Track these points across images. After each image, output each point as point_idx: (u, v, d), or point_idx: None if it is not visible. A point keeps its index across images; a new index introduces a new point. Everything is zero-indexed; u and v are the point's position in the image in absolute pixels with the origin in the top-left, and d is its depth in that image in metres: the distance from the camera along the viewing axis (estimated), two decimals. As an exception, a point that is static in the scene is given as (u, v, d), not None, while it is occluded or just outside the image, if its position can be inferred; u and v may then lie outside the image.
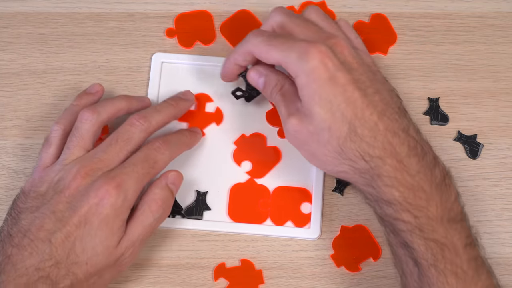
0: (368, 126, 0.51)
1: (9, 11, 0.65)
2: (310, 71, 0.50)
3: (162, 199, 0.54)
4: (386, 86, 0.54)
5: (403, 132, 0.51)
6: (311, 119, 0.51)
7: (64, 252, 0.50)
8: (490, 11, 0.66)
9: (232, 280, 0.58)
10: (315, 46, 0.51)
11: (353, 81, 0.51)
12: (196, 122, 0.62)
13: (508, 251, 0.59)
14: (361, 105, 0.51)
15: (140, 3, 0.66)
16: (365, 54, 0.56)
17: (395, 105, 0.53)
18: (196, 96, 0.62)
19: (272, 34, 0.54)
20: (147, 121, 0.55)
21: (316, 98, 0.51)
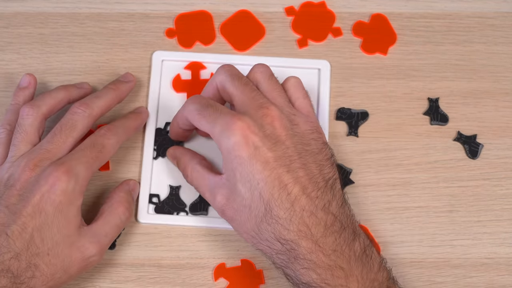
0: (284, 207, 0.50)
1: (9, 11, 0.65)
2: (231, 147, 0.51)
3: (128, 202, 0.56)
4: (317, 157, 0.52)
5: (322, 210, 0.50)
6: (235, 196, 0.51)
7: (23, 244, 0.50)
8: (490, 11, 0.66)
9: (232, 280, 0.58)
10: (238, 119, 0.51)
11: (275, 159, 0.50)
12: (194, 91, 0.62)
13: (508, 251, 0.59)
14: (278, 185, 0.50)
15: (140, 3, 0.66)
16: (305, 120, 0.54)
17: (322, 178, 0.51)
18: (189, 65, 0.63)
19: (205, 104, 0.53)
20: (89, 107, 0.56)
21: (238, 175, 0.51)
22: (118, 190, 0.57)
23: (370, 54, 0.65)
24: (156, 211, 0.60)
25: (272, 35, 0.65)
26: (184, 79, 0.63)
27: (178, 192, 0.60)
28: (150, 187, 0.60)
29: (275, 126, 0.52)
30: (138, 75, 0.64)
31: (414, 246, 0.59)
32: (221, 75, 0.55)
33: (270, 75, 0.56)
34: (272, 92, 0.54)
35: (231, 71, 0.55)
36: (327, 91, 0.63)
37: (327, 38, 0.65)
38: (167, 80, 0.63)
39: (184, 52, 0.64)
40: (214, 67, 0.63)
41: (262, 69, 0.56)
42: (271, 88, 0.55)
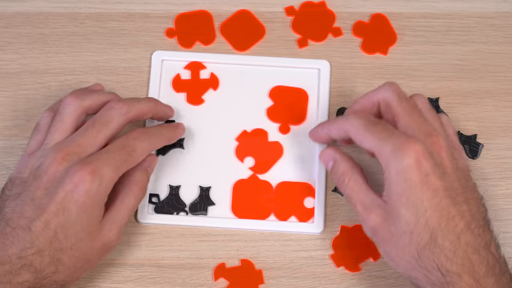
0: (450, 238, 0.49)
1: (9, 11, 0.65)
2: (402, 169, 0.49)
3: (143, 182, 0.55)
4: (475, 194, 0.52)
5: (484, 249, 0.49)
6: (395, 220, 0.50)
7: (46, 240, 0.50)
8: (490, 11, 0.66)
9: (232, 280, 0.58)
10: (413, 143, 0.49)
11: (444, 188, 0.49)
12: (193, 90, 0.63)
13: (508, 251, 0.59)
14: (447, 215, 0.49)
15: (140, 3, 0.66)
16: (460, 155, 0.54)
17: (481, 216, 0.51)
18: (189, 65, 0.63)
19: (373, 121, 0.52)
20: (126, 105, 0.55)
21: (404, 199, 0.49)
22: (133, 169, 0.55)
23: (370, 54, 0.65)
24: (156, 211, 0.60)
25: (272, 35, 0.65)
26: (184, 79, 0.63)
27: (178, 192, 0.60)
28: (149, 186, 0.60)
29: (443, 157, 0.51)
30: (138, 75, 0.63)
31: (414, 246, 0.59)
32: (387, 92, 0.54)
33: (430, 106, 0.55)
34: (434, 123, 0.54)
35: (399, 91, 0.54)
36: (327, 91, 0.63)
37: (327, 38, 0.65)
38: (167, 80, 0.63)
39: (184, 52, 0.64)
40: (213, 66, 0.63)
41: (423, 99, 0.55)
42: (434, 119, 0.54)
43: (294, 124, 0.62)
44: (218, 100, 0.63)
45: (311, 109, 0.63)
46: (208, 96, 0.63)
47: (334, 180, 0.56)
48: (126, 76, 0.64)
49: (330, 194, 0.60)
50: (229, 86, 0.63)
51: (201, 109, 0.63)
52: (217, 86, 0.63)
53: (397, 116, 0.53)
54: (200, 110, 0.62)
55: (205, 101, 0.63)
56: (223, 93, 0.63)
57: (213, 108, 0.63)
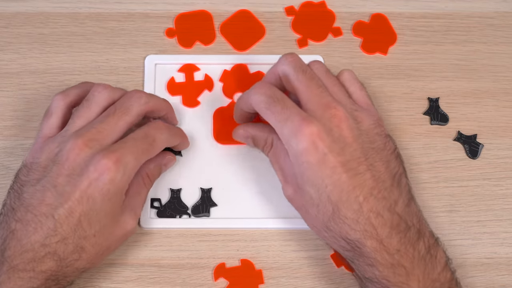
0: (351, 208, 0.51)
1: (9, 11, 0.65)
2: (299, 152, 0.51)
3: (154, 176, 0.57)
4: (383, 153, 0.53)
5: (388, 210, 0.51)
6: (303, 193, 0.53)
7: (70, 228, 0.50)
8: (490, 11, 0.66)
9: (232, 280, 0.58)
10: (307, 124, 0.50)
11: (343, 163, 0.51)
12: (188, 93, 0.63)
13: (508, 251, 0.59)
14: (347, 188, 0.51)
15: (140, 3, 0.66)
16: (367, 113, 0.54)
17: (388, 175, 0.52)
18: (182, 67, 0.63)
19: (273, 97, 0.53)
20: (146, 96, 0.55)
21: (305, 178, 0.52)
22: (150, 161, 0.56)
23: (370, 54, 0.65)
24: (158, 215, 0.59)
25: (272, 35, 0.65)
26: (178, 81, 0.63)
27: (179, 195, 0.60)
28: (150, 191, 0.60)
29: (342, 128, 0.52)
30: (138, 75, 0.64)
31: (414, 246, 0.59)
32: (284, 65, 0.54)
33: (327, 70, 0.56)
34: (333, 87, 0.55)
35: (295, 63, 0.54)
36: None
37: (327, 38, 0.65)
38: (161, 84, 0.63)
39: (177, 55, 0.64)
40: (207, 68, 0.64)
41: (318, 65, 0.56)
42: (331, 84, 0.55)
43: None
44: (214, 100, 0.63)
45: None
46: (204, 98, 0.63)
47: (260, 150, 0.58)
48: (126, 76, 0.64)
49: (330, 194, 0.60)
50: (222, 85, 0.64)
51: (197, 110, 0.63)
52: (212, 87, 0.63)
53: (296, 89, 0.54)
54: (197, 112, 0.63)
55: (201, 103, 0.63)
56: (219, 94, 0.63)
57: (209, 109, 0.63)
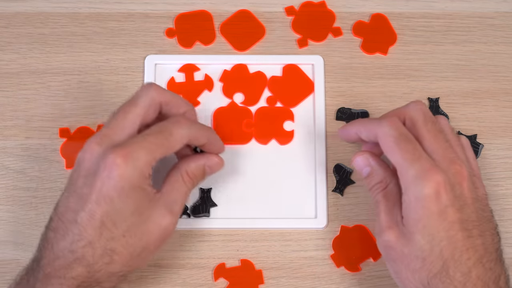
0: (461, 270, 0.49)
1: (9, 11, 0.65)
2: (421, 197, 0.49)
3: (194, 174, 0.54)
4: (490, 225, 0.52)
5: (494, 283, 0.50)
6: (409, 243, 0.50)
7: (94, 231, 0.49)
8: (490, 11, 0.66)
9: (232, 280, 0.58)
10: (435, 172, 0.49)
11: (461, 221, 0.50)
12: (188, 93, 0.62)
13: (508, 251, 0.59)
14: (461, 248, 0.49)
15: (140, 3, 0.66)
16: (480, 182, 0.54)
17: (494, 249, 0.51)
18: (183, 67, 0.63)
19: (405, 136, 0.52)
20: (160, 88, 0.54)
21: (420, 226, 0.50)
22: (191, 159, 0.54)
23: (370, 54, 0.65)
24: None
25: (272, 35, 0.65)
26: (178, 81, 0.63)
27: (179, 195, 0.60)
28: None
29: (464, 187, 0.51)
30: (137, 75, 0.63)
31: (414, 246, 0.59)
32: (415, 111, 0.53)
33: (452, 129, 0.55)
34: (456, 147, 0.54)
35: (426, 111, 0.53)
36: (322, 85, 0.63)
37: (327, 38, 0.65)
38: (161, 83, 0.62)
39: (177, 55, 0.64)
40: (207, 68, 0.64)
41: (446, 121, 0.55)
42: (455, 142, 0.54)
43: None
44: (214, 101, 0.63)
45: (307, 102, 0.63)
46: (204, 98, 0.63)
47: (366, 186, 0.55)
48: (126, 76, 0.64)
49: (330, 194, 0.60)
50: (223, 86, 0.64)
51: (197, 110, 0.62)
52: (212, 87, 0.63)
53: (422, 137, 0.52)
54: (197, 112, 0.62)
55: (201, 103, 0.63)
56: (218, 94, 0.63)
57: (209, 109, 0.63)
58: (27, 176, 0.60)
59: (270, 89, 0.63)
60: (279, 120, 0.62)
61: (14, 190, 0.60)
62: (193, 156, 0.55)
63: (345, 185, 0.61)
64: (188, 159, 0.54)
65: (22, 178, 0.60)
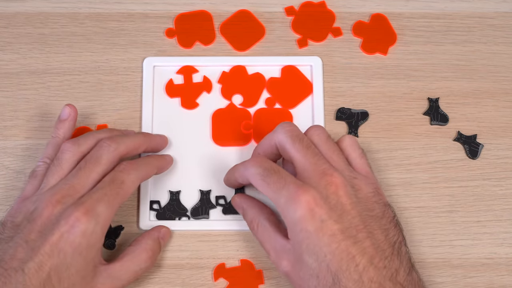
0: (353, 278, 0.49)
1: (9, 11, 0.65)
2: (297, 220, 0.50)
3: (153, 250, 0.56)
4: (382, 222, 0.52)
5: (390, 280, 0.50)
6: (301, 265, 0.51)
7: (39, 283, 0.49)
8: (490, 11, 0.66)
9: (232, 280, 0.58)
10: (302, 192, 0.50)
11: (341, 230, 0.50)
12: (187, 94, 0.63)
13: (508, 251, 0.59)
14: (346, 257, 0.49)
15: (140, 3, 0.66)
16: (366, 181, 0.54)
17: (388, 244, 0.51)
18: (181, 69, 0.63)
19: (269, 169, 0.53)
20: (115, 142, 0.55)
21: (304, 247, 0.50)
22: (147, 236, 0.56)
23: (370, 54, 0.65)
24: (157, 218, 0.59)
25: (272, 35, 0.65)
26: (177, 83, 0.63)
27: (179, 197, 0.60)
28: (149, 194, 0.60)
29: (340, 195, 0.51)
30: (137, 75, 0.63)
31: (414, 246, 0.59)
32: (281, 135, 0.54)
33: (327, 137, 0.56)
34: (332, 155, 0.54)
35: (292, 132, 0.54)
36: (320, 86, 0.63)
37: (327, 38, 0.65)
38: (160, 86, 0.63)
39: (175, 57, 0.64)
40: (206, 70, 0.64)
41: (319, 131, 0.56)
42: (330, 151, 0.55)
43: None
44: (213, 102, 0.63)
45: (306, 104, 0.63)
46: (202, 99, 0.63)
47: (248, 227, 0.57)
48: (126, 76, 0.64)
49: (330, 194, 0.60)
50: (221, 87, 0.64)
51: (196, 112, 0.63)
52: (211, 89, 0.63)
53: (293, 158, 0.54)
54: (195, 114, 0.63)
55: (199, 105, 0.63)
56: (217, 95, 0.63)
57: (208, 111, 0.63)
58: (27, 176, 0.60)
59: (268, 91, 0.63)
60: (278, 121, 0.62)
61: (13, 190, 0.60)
62: (147, 233, 0.57)
63: (345, 185, 0.61)
64: (144, 236, 0.56)
65: (22, 178, 0.60)
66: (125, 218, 0.59)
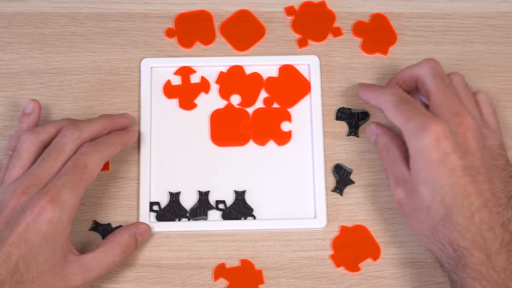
0: (464, 215, 0.50)
1: (9, 11, 0.65)
2: (422, 148, 0.51)
3: (127, 245, 0.56)
4: (502, 173, 0.53)
5: (501, 226, 0.50)
6: (415, 195, 0.52)
7: (7, 272, 0.49)
8: (490, 11, 0.66)
9: (232, 280, 0.58)
10: (434, 123, 0.51)
11: (463, 167, 0.50)
12: (185, 95, 0.62)
13: (508, 251, 0.59)
14: (463, 193, 0.50)
15: (140, 3, 0.66)
16: (494, 134, 0.55)
17: (505, 194, 0.52)
18: (179, 70, 0.63)
19: (404, 98, 0.54)
20: (78, 129, 0.55)
21: (422, 176, 0.51)
22: (124, 230, 0.56)
23: (370, 54, 0.65)
24: (157, 219, 0.59)
25: (272, 35, 0.65)
26: (175, 84, 0.63)
27: (178, 199, 0.60)
28: (149, 195, 0.60)
29: (467, 137, 0.52)
30: (137, 75, 0.63)
31: (414, 246, 0.59)
32: (424, 70, 0.56)
33: (465, 85, 0.57)
34: (467, 101, 0.55)
35: (435, 68, 0.55)
36: (318, 85, 0.63)
37: (327, 38, 0.65)
38: (157, 87, 0.63)
39: (173, 57, 0.64)
40: (203, 70, 0.63)
41: (459, 78, 0.57)
42: (467, 97, 0.56)
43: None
44: (211, 103, 0.63)
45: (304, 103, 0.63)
46: (200, 100, 0.63)
47: (378, 153, 0.59)
48: (126, 76, 0.64)
49: (329, 194, 0.60)
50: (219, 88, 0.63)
51: (194, 113, 0.63)
52: (209, 89, 0.63)
53: (430, 93, 0.54)
54: (194, 114, 0.62)
55: (198, 105, 0.63)
56: (215, 96, 0.63)
57: (206, 111, 0.63)
58: (27, 176, 0.60)
59: (266, 90, 0.63)
60: (277, 121, 0.62)
61: (14, 190, 0.60)
62: (124, 227, 0.57)
63: (345, 185, 0.61)
64: (120, 230, 0.56)
65: (22, 178, 0.60)
66: (125, 219, 0.59)
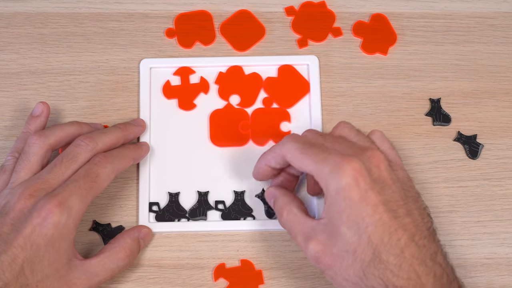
0: (394, 252, 0.48)
1: (9, 11, 0.65)
2: (341, 189, 0.49)
3: (131, 250, 0.56)
4: (418, 205, 0.51)
5: (431, 260, 0.49)
6: (336, 240, 0.49)
7: (12, 275, 0.49)
8: (490, 11, 0.66)
9: (232, 280, 0.58)
10: (349, 161, 0.49)
11: (384, 202, 0.49)
12: (184, 95, 0.63)
13: (508, 251, 0.59)
14: (389, 229, 0.48)
15: (140, 3, 0.66)
16: (400, 168, 0.53)
17: (425, 227, 0.50)
18: (178, 70, 0.63)
19: (308, 143, 0.53)
20: (93, 141, 0.55)
21: (344, 218, 0.49)
22: (127, 235, 0.56)
23: (370, 54, 0.65)
24: (157, 219, 0.59)
25: (272, 35, 0.65)
26: (174, 85, 0.63)
27: (178, 199, 0.60)
28: (149, 195, 0.60)
29: (381, 169, 0.51)
30: (137, 75, 0.63)
31: (414, 246, 0.59)
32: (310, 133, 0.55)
33: (357, 130, 0.55)
34: (365, 142, 0.54)
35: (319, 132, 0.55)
36: (317, 85, 0.63)
37: (327, 38, 0.65)
38: (157, 87, 0.63)
39: (172, 58, 0.64)
40: (202, 70, 0.64)
41: (348, 125, 0.55)
42: (363, 139, 0.54)
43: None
44: (210, 103, 0.63)
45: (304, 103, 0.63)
46: (200, 100, 0.63)
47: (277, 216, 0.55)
48: (126, 76, 0.64)
49: (330, 194, 0.60)
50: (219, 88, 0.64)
51: (194, 113, 0.63)
52: (208, 90, 0.63)
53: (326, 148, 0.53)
54: (193, 115, 0.62)
55: (197, 106, 0.63)
56: (214, 96, 0.63)
57: (205, 112, 0.63)
58: (27, 176, 0.60)
59: (266, 90, 0.63)
60: (276, 121, 0.62)
61: (14, 190, 0.60)
62: (127, 231, 0.57)
63: (345, 185, 0.61)
64: (123, 235, 0.56)
65: (22, 178, 0.60)
66: (125, 219, 0.59)
